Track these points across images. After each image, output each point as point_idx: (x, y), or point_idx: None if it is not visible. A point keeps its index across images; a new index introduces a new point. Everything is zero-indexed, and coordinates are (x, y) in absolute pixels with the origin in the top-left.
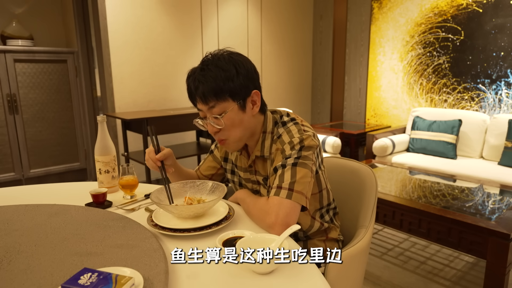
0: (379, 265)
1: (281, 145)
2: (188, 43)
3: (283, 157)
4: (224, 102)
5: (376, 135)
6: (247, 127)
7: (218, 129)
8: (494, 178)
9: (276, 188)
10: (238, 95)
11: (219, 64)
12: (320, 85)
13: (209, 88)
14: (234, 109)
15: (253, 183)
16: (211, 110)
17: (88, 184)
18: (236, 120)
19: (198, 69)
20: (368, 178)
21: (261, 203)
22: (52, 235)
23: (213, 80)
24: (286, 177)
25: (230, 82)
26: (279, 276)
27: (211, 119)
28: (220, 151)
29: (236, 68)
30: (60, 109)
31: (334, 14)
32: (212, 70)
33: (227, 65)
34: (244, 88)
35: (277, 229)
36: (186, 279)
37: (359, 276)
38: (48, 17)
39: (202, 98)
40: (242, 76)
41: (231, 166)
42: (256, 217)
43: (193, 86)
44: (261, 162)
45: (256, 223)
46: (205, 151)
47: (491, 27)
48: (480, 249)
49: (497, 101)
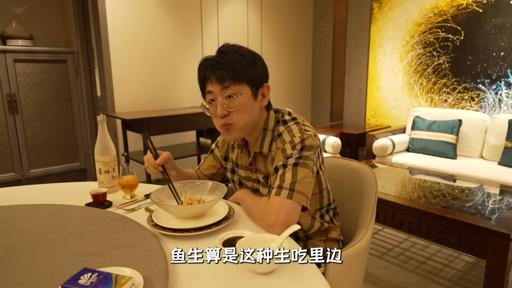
0: (379, 265)
1: (282, 144)
2: (188, 43)
3: (284, 156)
4: (239, 85)
5: (376, 135)
6: (254, 117)
7: (227, 112)
8: (494, 178)
9: (277, 188)
10: (254, 83)
11: (239, 51)
12: (320, 85)
13: (228, 69)
14: (248, 94)
15: (253, 181)
16: (225, 90)
17: (88, 184)
18: (247, 105)
19: (217, 53)
20: (368, 178)
21: (261, 203)
22: (52, 235)
23: (233, 63)
24: (287, 177)
25: (248, 69)
26: (279, 276)
27: (223, 100)
28: (220, 150)
29: (254, 58)
30: (60, 109)
31: (334, 14)
32: (232, 55)
33: (247, 53)
34: (259, 77)
35: (277, 229)
36: (186, 279)
37: (359, 276)
38: (48, 17)
39: (218, 78)
40: (259, 67)
41: (231, 165)
42: (256, 217)
43: (211, 68)
44: (261, 159)
45: (257, 223)
46: (205, 151)
47: (491, 27)
48: (480, 249)
49: (497, 101)
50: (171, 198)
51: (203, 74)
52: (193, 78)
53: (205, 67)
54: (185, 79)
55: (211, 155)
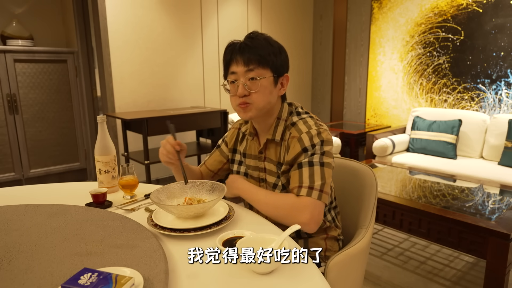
0: (379, 265)
1: (298, 133)
2: (188, 43)
3: (300, 146)
4: (263, 69)
5: (376, 135)
6: (271, 102)
7: (248, 93)
8: (494, 178)
9: (307, 189)
10: (276, 70)
11: (268, 39)
12: (320, 85)
13: (255, 53)
14: (270, 79)
15: (260, 170)
16: (249, 72)
17: (88, 184)
18: (267, 89)
19: (246, 38)
20: (368, 178)
21: (291, 201)
22: (52, 235)
23: (261, 48)
24: (316, 178)
25: (273, 56)
26: (279, 276)
27: (246, 81)
28: (229, 143)
29: (279, 49)
30: (60, 109)
31: (334, 14)
32: (261, 40)
33: (274, 43)
34: (282, 67)
35: (312, 226)
36: (186, 279)
37: (359, 276)
38: (48, 17)
39: (245, 60)
40: (283, 57)
41: (239, 157)
42: (285, 214)
43: (239, 50)
44: (273, 147)
45: (282, 219)
46: (205, 151)
47: (491, 27)
48: (480, 249)
49: (497, 101)
50: (171, 198)
51: (230, 56)
52: (193, 78)
53: (232, 49)
54: (185, 79)
55: (218, 150)
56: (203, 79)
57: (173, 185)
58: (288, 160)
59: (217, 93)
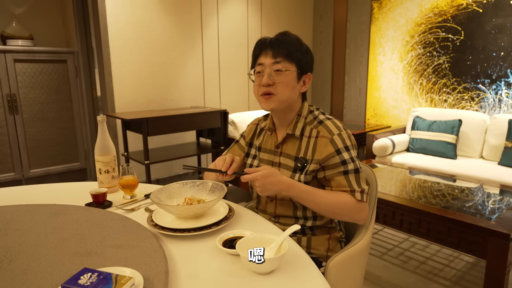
0: (379, 265)
1: (329, 134)
2: (188, 43)
3: (333, 147)
4: (289, 63)
5: (376, 135)
6: (293, 96)
7: (272, 82)
8: (494, 178)
9: (360, 193)
10: (301, 67)
11: (299, 39)
12: (320, 85)
13: (284, 47)
14: (294, 73)
15: (274, 165)
16: (276, 65)
17: (88, 184)
18: (291, 82)
19: (278, 34)
20: (368, 178)
21: (351, 202)
22: (52, 235)
23: (291, 44)
24: (362, 183)
25: (300, 53)
26: (279, 276)
27: (271, 71)
28: (246, 137)
29: (307, 49)
30: (60, 109)
31: (334, 14)
32: (292, 37)
33: (304, 44)
34: (307, 65)
35: (364, 222)
36: (186, 279)
37: (359, 276)
38: (48, 17)
39: (274, 52)
40: (310, 56)
41: (254, 151)
42: (346, 212)
43: (270, 43)
44: (291, 142)
45: (341, 216)
46: (205, 151)
47: (491, 27)
48: (480, 249)
49: (497, 101)
50: (171, 198)
51: (260, 49)
52: (193, 78)
53: (262, 43)
54: (185, 79)
55: (236, 144)
56: (203, 79)
57: (173, 185)
58: (319, 159)
59: (217, 93)
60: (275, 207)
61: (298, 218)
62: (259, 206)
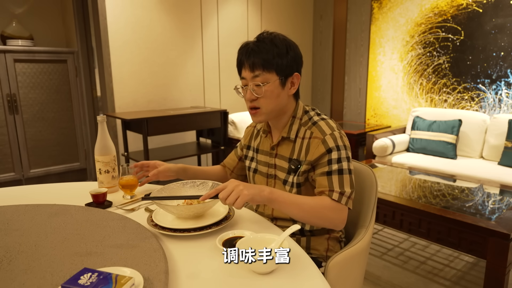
0: (379, 265)
1: (321, 135)
2: (188, 43)
3: (325, 147)
4: (268, 74)
5: (376, 135)
6: (280, 104)
7: (255, 97)
8: (494, 178)
9: (338, 194)
10: (282, 72)
11: (274, 41)
12: (320, 85)
13: (259, 58)
14: (276, 82)
15: (270, 166)
16: (255, 79)
17: (88, 184)
18: (274, 92)
19: (254, 41)
20: (368, 178)
21: (325, 203)
22: (52, 235)
23: (266, 52)
24: (345, 184)
25: (279, 58)
26: (279, 276)
27: (253, 86)
28: (244, 140)
29: (287, 48)
30: (60, 109)
31: (334, 14)
32: (267, 44)
33: (281, 43)
34: (289, 67)
35: (340, 226)
36: (186, 279)
37: (359, 276)
38: (48, 17)
39: (250, 66)
40: (291, 57)
41: (252, 153)
42: (321, 216)
43: (246, 54)
44: (286, 144)
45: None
46: (205, 151)
47: (491, 27)
48: (480, 249)
49: (497, 101)
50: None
51: (240, 58)
52: (193, 78)
53: (241, 52)
54: (185, 79)
55: (235, 149)
56: (203, 79)
57: (173, 185)
58: (311, 160)
59: (217, 93)
60: (273, 209)
61: (295, 221)
62: (257, 209)
